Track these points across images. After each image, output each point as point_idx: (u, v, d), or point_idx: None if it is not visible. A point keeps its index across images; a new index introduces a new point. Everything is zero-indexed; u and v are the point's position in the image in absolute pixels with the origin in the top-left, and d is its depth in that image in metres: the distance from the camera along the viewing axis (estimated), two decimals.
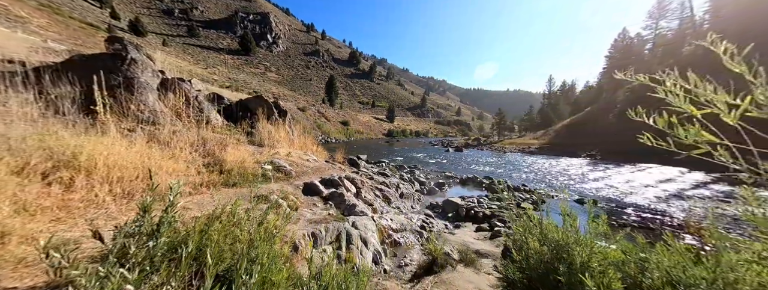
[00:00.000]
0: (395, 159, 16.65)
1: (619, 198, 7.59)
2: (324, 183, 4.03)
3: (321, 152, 7.28)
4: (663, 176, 11.26)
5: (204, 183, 2.46)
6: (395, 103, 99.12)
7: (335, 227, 2.65)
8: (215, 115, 4.70)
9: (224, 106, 5.38)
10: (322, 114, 49.30)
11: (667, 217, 5.79)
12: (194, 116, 4.05)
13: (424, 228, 4.23)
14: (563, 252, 1.30)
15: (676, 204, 6.97)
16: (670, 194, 8.07)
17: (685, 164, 13.59)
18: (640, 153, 17.91)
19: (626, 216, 5.83)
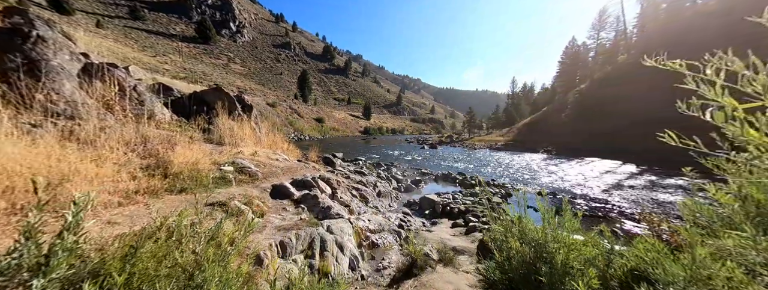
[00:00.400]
0: (372, 157, 16.52)
1: (571, 190, 8.51)
2: (296, 185, 3.72)
3: (293, 150, 6.81)
4: (604, 169, 12.97)
5: (141, 190, 2.03)
6: (371, 100, 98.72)
7: (308, 233, 2.42)
8: (161, 108, 4.02)
9: (173, 99, 4.65)
10: (294, 110, 46.87)
11: (609, 205, 6.64)
12: (132, 110, 3.39)
13: (402, 227, 4.17)
14: (544, 252, 1.29)
15: (615, 193, 8.06)
16: (610, 185, 9.32)
17: (619, 158, 15.86)
18: (586, 149, 20.49)
19: (578, 206, 6.54)
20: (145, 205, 1.85)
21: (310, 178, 3.97)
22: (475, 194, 6.68)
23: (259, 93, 51.40)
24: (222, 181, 2.96)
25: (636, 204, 6.65)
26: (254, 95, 46.12)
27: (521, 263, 1.32)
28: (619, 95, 24.01)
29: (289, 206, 3.06)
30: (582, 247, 1.34)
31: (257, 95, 47.46)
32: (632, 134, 19.70)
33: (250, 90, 49.83)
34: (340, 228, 2.85)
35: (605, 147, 19.17)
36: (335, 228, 2.79)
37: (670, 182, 9.56)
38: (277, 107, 42.59)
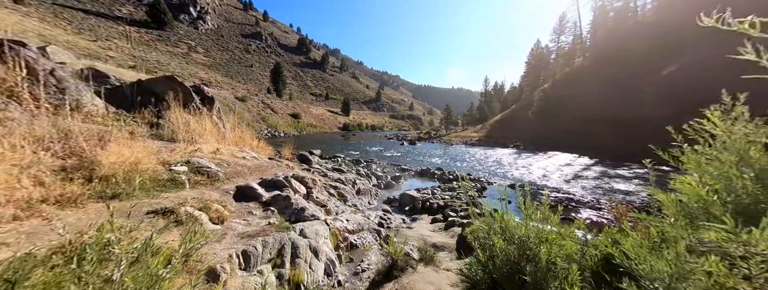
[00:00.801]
0: (351, 153, 16.19)
1: (537, 181, 9.17)
2: (265, 185, 3.37)
3: (264, 147, 6.28)
4: (564, 162, 14.27)
5: (51, 199, 1.60)
6: (350, 96, 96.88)
7: (277, 239, 2.16)
8: (91, 98, 3.34)
9: (110, 87, 3.93)
10: (267, 105, 44.10)
11: (569, 195, 7.26)
12: (49, 99, 2.75)
13: (383, 225, 4.06)
14: (528, 250, 1.24)
15: (574, 184, 8.86)
16: (570, 176, 10.25)
17: (576, 151, 17.60)
18: (549, 143, 22.42)
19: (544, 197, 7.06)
20: (56, 218, 1.45)
21: (281, 177, 3.64)
22: (453, 189, 6.84)
23: (226, 86, 47.39)
24: (171, 184, 2.54)
25: (591, 193, 7.38)
26: (221, 88, 42.45)
27: (505, 262, 1.26)
28: (576, 95, 26.54)
29: (256, 209, 2.74)
30: (562, 241, 1.32)
31: (224, 88, 43.75)
32: (586, 130, 21.97)
33: (215, 83, 45.63)
34: (315, 230, 2.63)
35: (564, 142, 21.13)
36: (309, 231, 2.56)
37: (617, 173, 10.80)
38: (248, 102, 39.69)
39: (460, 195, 5.95)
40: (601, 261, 1.44)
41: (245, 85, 59.21)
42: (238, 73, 69.37)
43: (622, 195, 7.15)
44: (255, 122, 34.00)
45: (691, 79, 18.07)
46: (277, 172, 4.14)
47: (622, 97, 22.34)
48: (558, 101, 27.80)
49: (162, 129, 3.99)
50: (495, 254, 1.32)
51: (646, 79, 21.63)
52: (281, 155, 6.50)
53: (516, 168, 12.22)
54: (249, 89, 52.43)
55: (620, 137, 18.61)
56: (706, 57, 18.14)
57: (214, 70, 61.18)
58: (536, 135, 25.75)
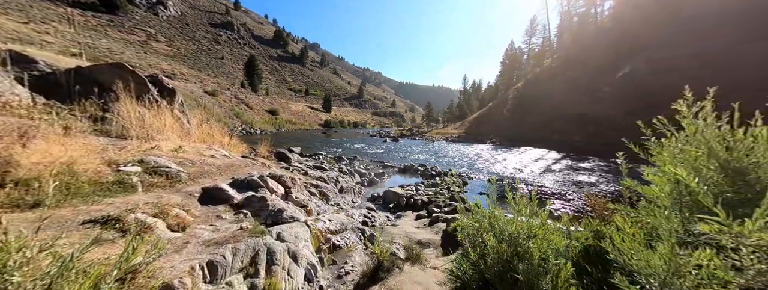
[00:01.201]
0: (334, 151, 15.78)
1: (513, 175, 9.67)
2: (237, 186, 3.07)
3: (237, 145, 5.80)
4: (536, 156, 15.26)
5: None
6: (332, 92, 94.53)
7: (250, 245, 1.95)
8: (11, 86, 2.76)
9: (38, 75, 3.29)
10: (241, 101, 41.40)
11: (542, 187, 7.74)
12: None
13: (367, 224, 3.95)
14: (519, 246, 1.20)
15: (546, 176, 9.49)
16: (542, 170, 10.97)
17: (546, 146, 18.93)
18: (522, 139, 23.87)
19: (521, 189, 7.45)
20: None
21: (256, 177, 3.34)
22: (436, 185, 6.92)
23: (193, 79, 43.56)
24: (119, 187, 2.17)
25: (560, 185, 7.95)
26: (187, 81, 38.97)
27: (497, 260, 1.21)
28: (545, 94, 28.46)
29: (227, 212, 2.47)
30: (550, 236, 1.30)
31: (191, 82, 40.21)
32: (554, 127, 23.72)
33: (180, 75, 41.67)
34: (294, 233, 2.43)
35: (536, 138, 22.64)
36: (288, 234, 2.36)
37: (581, 166, 11.79)
38: (219, 96, 36.89)
39: (443, 191, 6.03)
40: (582, 253, 1.46)
41: (216, 78, 54.92)
42: (207, 65, 64.08)
43: (586, 187, 7.79)
44: (227, 118, 31.74)
45: (643, 80, 20.22)
46: (251, 171, 3.81)
47: (584, 96, 24.39)
48: (530, 99, 29.61)
49: (110, 124, 3.45)
50: (486, 252, 1.27)
51: (604, 79, 23.79)
52: (257, 153, 6.06)
53: (493, 163, 12.80)
54: (220, 83, 48.72)
55: (583, 133, 20.36)
56: (656, 60, 20.37)
57: (179, 61, 55.79)
58: (511, 132, 27.26)
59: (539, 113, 27.24)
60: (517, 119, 29.27)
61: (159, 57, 49.45)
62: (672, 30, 20.45)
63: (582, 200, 6.19)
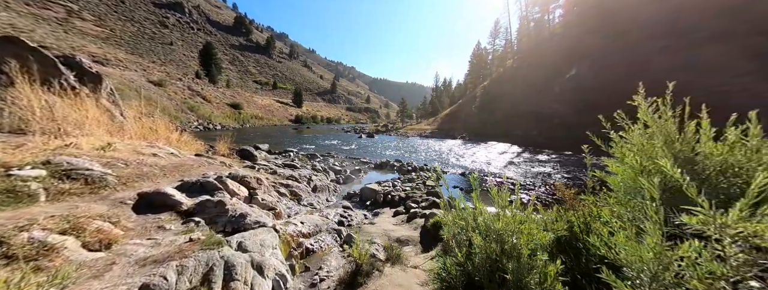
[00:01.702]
0: (306, 148, 14.99)
1: (482, 168, 10.29)
2: (187, 189, 2.61)
3: (189, 142, 5.06)
4: (501, 150, 16.51)
5: None
6: (302, 86, 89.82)
7: (202, 260, 1.63)
8: None
9: None
10: (196, 93, 36.94)
11: (510, 179, 8.34)
12: None
13: (343, 224, 3.75)
14: (506, 244, 1.16)
15: (510, 168, 10.29)
16: (507, 162, 11.89)
17: (508, 141, 20.62)
18: (488, 134, 25.67)
19: (488, 182, 7.93)
20: None
21: (213, 178, 2.89)
22: (413, 180, 6.97)
23: (134, 66, 37.45)
24: (10, 198, 1.64)
25: (522, 176, 8.69)
26: (125, 69, 33.37)
27: (485, 260, 1.15)
28: (507, 93, 30.87)
29: (172, 222, 2.06)
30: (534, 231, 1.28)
31: (130, 69, 34.54)
32: (515, 123, 25.93)
33: (116, 61, 35.38)
34: (260, 241, 2.13)
35: (500, 133, 24.51)
36: (252, 242, 2.06)
37: (538, 158, 13.06)
38: (168, 87, 32.38)
39: (419, 186, 6.08)
40: (554, 243, 1.49)
41: (163, 66, 48.05)
42: (152, 51, 55.69)
43: (544, 177, 8.64)
44: (179, 112, 28.04)
45: (586, 82, 23.08)
46: (206, 172, 3.30)
47: (539, 95, 27.05)
48: (494, 97, 31.83)
49: (1, 116, 2.65)
50: (474, 251, 1.21)
51: (555, 80, 26.62)
52: (216, 151, 5.36)
53: (464, 158, 13.47)
54: (169, 72, 42.67)
55: (539, 129, 22.62)
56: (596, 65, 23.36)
57: (114, 45, 47.38)
58: (479, 127, 29.07)
59: (503, 110, 29.49)
60: (483, 116, 31.30)
61: (86, 38, 41.26)
62: (609, 38, 23.60)
63: (543, 189, 6.83)
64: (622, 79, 19.58)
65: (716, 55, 15.93)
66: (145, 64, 42.25)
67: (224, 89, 50.09)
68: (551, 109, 24.17)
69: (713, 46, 16.45)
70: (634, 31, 21.73)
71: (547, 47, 31.03)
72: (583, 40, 25.90)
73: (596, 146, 1.61)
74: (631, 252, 0.81)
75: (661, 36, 19.78)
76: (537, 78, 28.63)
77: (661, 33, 19.94)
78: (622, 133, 1.55)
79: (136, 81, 28.95)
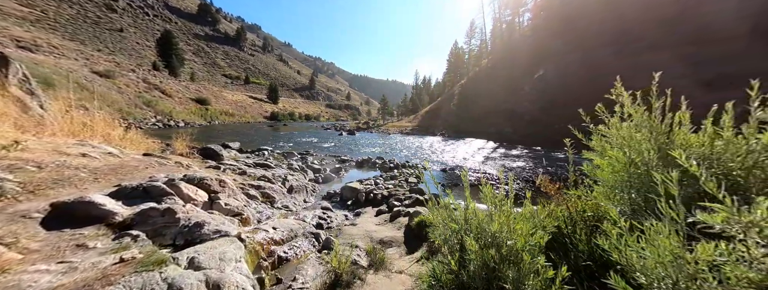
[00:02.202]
0: (283, 146, 14.16)
1: (462, 164, 10.54)
2: (125, 196, 2.16)
3: (137, 140, 4.36)
4: (479, 146, 17.17)
5: None
6: (278, 81, 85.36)
7: (135, 286, 1.29)
8: None
9: None
10: (154, 86, 33.16)
11: (486, 173, 8.63)
12: None
13: (322, 226, 3.48)
14: (502, 248, 1.02)
15: (488, 163, 10.69)
16: (485, 158, 12.35)
17: (484, 137, 21.57)
18: (466, 131, 26.66)
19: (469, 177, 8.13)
20: None
21: (162, 181, 2.44)
22: (395, 177, 6.85)
23: (73, 54, 32.43)
24: None
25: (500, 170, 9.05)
26: (61, 56, 28.78)
27: (481, 268, 1.00)
28: (482, 91, 32.28)
29: (98, 238, 1.64)
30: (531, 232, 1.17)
31: (68, 57, 29.86)
32: (490, 120, 27.24)
33: (49, 47, 30.25)
34: (219, 254, 1.81)
35: (477, 129, 25.58)
36: (207, 257, 1.73)
37: (512, 153, 13.79)
38: (118, 79, 28.60)
39: (402, 183, 5.97)
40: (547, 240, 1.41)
41: (111, 56, 42.34)
42: (97, 38, 48.82)
43: (518, 170, 9.09)
44: (133, 107, 24.92)
45: (551, 82, 24.90)
46: (155, 174, 2.80)
47: (511, 94, 28.67)
48: (471, 95, 33.09)
49: None
50: (468, 258, 1.06)
51: (525, 80, 28.37)
52: (172, 150, 4.69)
53: (444, 153, 13.74)
54: (119, 63, 37.63)
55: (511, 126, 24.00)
56: (559, 66, 25.26)
57: (47, 28, 40.59)
58: (457, 124, 30.05)
59: (479, 107, 30.78)
60: (461, 113, 32.41)
61: (7, 20, 34.70)
62: (570, 44, 25.66)
63: (517, 185, 7.13)
64: (581, 81, 21.48)
65: (657, 61, 18.13)
66: (87, 53, 36.70)
67: (188, 82, 45.62)
68: (523, 107, 25.74)
69: (654, 53, 18.68)
70: (590, 38, 23.86)
71: (518, 48, 32.88)
72: (548, 43, 27.86)
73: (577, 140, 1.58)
74: (652, 257, 0.70)
75: (611, 43, 21.95)
76: (509, 78, 30.27)
77: (611, 41, 22.12)
78: (602, 126, 1.52)
79: (76, 71, 25.01)
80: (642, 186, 1.30)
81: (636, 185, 1.32)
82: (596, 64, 21.42)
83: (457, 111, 33.64)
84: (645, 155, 1.27)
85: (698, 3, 18.67)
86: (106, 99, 23.48)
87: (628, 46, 20.70)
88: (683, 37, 18.15)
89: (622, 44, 21.22)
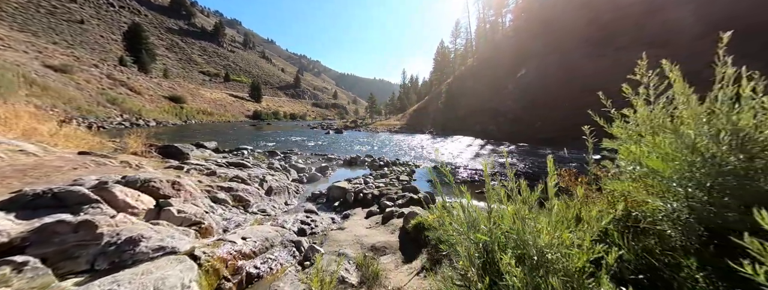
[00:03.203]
0: (265, 145, 13.32)
1: (453, 161, 10.39)
2: (23, 206, 1.60)
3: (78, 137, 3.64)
4: (467, 144, 17.25)
5: None
6: (261, 79, 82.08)
7: None
8: None
9: None
10: (120, 82, 30.46)
11: (477, 170, 8.46)
12: None
13: (305, 232, 3.03)
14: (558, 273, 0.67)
15: (478, 161, 10.61)
16: (474, 155, 12.32)
17: (472, 135, 21.82)
18: (453, 129, 26.89)
19: (461, 174, 7.93)
20: None
21: (87, 186, 1.88)
22: (386, 175, 6.47)
23: (23, 46, 28.99)
24: None
25: (490, 167, 8.98)
26: (6, 48, 25.57)
27: None
28: (468, 89, 32.79)
29: None
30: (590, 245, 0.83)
31: (16, 49, 26.64)
32: (476, 118, 27.69)
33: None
34: (155, 281, 1.33)
35: (463, 127, 25.88)
36: (136, 286, 1.25)
37: (499, 150, 13.93)
38: (77, 74, 25.91)
39: (393, 181, 5.60)
40: None
41: (70, 49, 38.44)
42: (53, 29, 44.19)
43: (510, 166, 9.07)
44: (95, 105, 22.63)
45: (532, 81, 25.69)
46: (86, 175, 2.21)
47: (495, 92, 29.32)
48: (457, 94, 33.50)
49: None
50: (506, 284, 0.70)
51: (509, 79, 29.11)
52: (124, 149, 3.99)
53: (433, 151, 13.59)
54: (79, 57, 34.15)
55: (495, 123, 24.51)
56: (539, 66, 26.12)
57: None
58: (444, 122, 30.26)
59: (465, 106, 31.22)
60: (448, 112, 32.71)
61: None
62: (548, 46, 26.62)
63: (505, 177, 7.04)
64: (559, 81, 22.33)
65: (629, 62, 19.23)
66: (40, 45, 32.89)
67: (160, 79, 42.41)
68: (506, 106, 26.36)
69: (627, 54, 19.75)
70: (567, 40, 24.88)
71: (501, 48, 33.70)
72: (529, 44, 28.76)
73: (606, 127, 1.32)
74: None
75: (586, 45, 23.00)
76: (494, 77, 30.93)
77: (587, 43, 23.18)
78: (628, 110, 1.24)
79: (25, 65, 22.23)
80: (707, 178, 1.00)
81: (699, 177, 1.02)
82: (573, 66, 22.33)
83: (444, 110, 33.91)
84: (721, 136, 0.96)
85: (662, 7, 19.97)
86: (62, 96, 21.10)
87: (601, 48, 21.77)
88: (653, 40, 19.31)
89: (596, 46, 22.28)
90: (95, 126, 18.18)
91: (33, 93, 20.30)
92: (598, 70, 20.29)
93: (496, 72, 31.48)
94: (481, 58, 36.56)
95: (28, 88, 20.52)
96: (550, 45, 26.69)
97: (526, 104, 23.60)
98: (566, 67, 23.55)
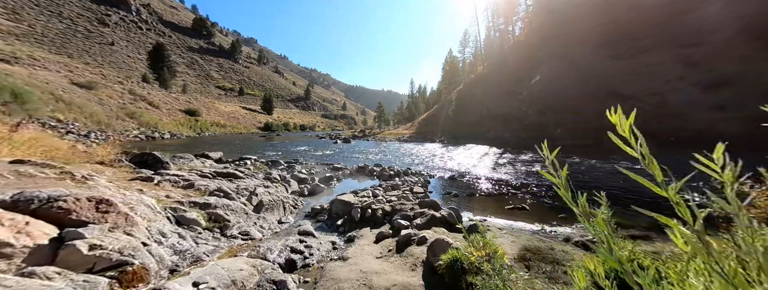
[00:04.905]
0: (270, 155, 12.88)
1: (470, 171, 9.38)
2: None
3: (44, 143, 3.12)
4: (482, 152, 16.12)
5: None
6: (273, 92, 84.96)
7: None
8: None
9: None
10: (141, 97, 31.97)
11: (502, 182, 7.36)
12: None
13: (295, 264, 2.24)
14: None
15: (500, 171, 9.53)
16: (493, 164, 11.23)
17: (486, 142, 20.63)
18: (465, 137, 25.78)
19: (482, 185, 6.94)
20: None
21: None
22: (397, 186, 5.63)
23: (57, 67, 31.31)
24: None
25: (516, 177, 7.90)
26: (42, 69, 27.58)
27: None
28: (479, 96, 31.88)
29: None
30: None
31: (49, 69, 28.69)
32: (489, 125, 26.51)
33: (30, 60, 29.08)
34: None
35: (475, 135, 24.75)
36: None
37: (522, 158, 12.74)
38: (101, 91, 27.39)
39: (407, 194, 4.74)
40: None
41: (99, 68, 41.30)
42: (86, 51, 48.10)
43: (535, 176, 7.96)
44: (115, 119, 23.50)
45: (545, 87, 24.52)
46: None
47: (508, 99, 28.22)
48: (467, 101, 32.65)
49: None
50: None
51: (522, 85, 28.04)
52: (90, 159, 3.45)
53: (446, 160, 12.61)
54: (106, 75, 36.51)
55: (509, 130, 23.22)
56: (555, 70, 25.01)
57: (34, 42, 39.82)
58: (455, 130, 29.24)
59: (476, 113, 30.20)
60: (458, 119, 31.75)
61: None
62: (561, 49, 25.65)
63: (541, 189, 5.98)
64: (573, 84, 21.09)
65: (651, 63, 17.84)
66: (72, 65, 35.55)
67: (178, 94, 44.50)
68: (520, 111, 25.15)
69: (648, 56, 18.43)
70: (581, 44, 23.87)
71: (513, 54, 32.99)
72: (541, 49, 27.90)
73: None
74: None
75: (602, 47, 21.86)
76: (506, 83, 30.00)
77: (602, 45, 22.05)
78: None
79: (52, 83, 23.74)
80: None
81: None
82: (590, 70, 21.14)
83: (455, 117, 32.99)
84: None
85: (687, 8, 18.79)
86: (84, 111, 22.09)
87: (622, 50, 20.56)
88: (675, 40, 17.99)
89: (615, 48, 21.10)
90: (112, 139, 18.67)
91: (58, 108, 21.40)
92: (619, 74, 19.02)
93: (508, 78, 30.56)
94: (492, 66, 35.91)
95: (55, 103, 21.71)
96: (564, 50, 25.72)
97: (542, 109, 22.34)
98: (583, 71, 22.36)
